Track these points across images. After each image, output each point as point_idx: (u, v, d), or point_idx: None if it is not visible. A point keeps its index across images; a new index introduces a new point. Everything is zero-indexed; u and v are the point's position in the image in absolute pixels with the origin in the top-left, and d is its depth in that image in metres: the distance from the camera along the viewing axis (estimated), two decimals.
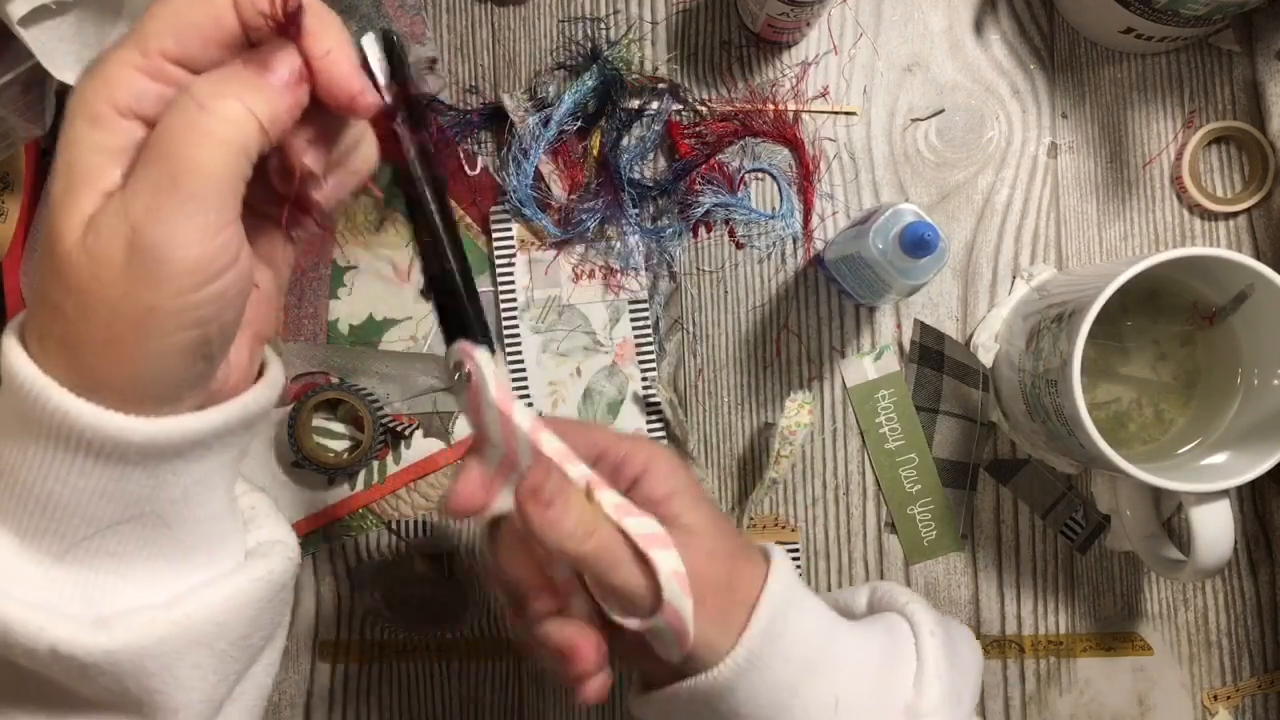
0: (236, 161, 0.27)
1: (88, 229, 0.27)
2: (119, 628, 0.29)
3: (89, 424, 0.28)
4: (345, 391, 0.55)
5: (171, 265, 0.27)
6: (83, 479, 0.29)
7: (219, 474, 0.32)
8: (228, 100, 0.27)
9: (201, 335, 0.28)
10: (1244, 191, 0.56)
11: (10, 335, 0.29)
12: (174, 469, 0.30)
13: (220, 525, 0.34)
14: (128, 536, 0.30)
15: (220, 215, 0.27)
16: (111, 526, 0.30)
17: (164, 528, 0.31)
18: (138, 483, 0.29)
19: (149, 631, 0.30)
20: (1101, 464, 0.46)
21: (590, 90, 0.56)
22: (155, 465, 0.29)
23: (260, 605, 0.34)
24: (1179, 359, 0.52)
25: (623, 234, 0.56)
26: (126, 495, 0.29)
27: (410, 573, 0.57)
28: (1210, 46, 0.57)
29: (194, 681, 0.31)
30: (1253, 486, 0.56)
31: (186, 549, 0.32)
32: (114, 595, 0.31)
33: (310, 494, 0.57)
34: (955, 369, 0.56)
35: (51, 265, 0.27)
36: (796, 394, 0.53)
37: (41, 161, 0.53)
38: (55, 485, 0.28)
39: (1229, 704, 0.56)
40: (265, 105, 0.27)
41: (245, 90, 0.27)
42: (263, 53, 0.28)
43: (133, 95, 0.27)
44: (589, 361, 0.56)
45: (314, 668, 0.57)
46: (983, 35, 0.57)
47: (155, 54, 0.27)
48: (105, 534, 0.30)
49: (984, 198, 0.57)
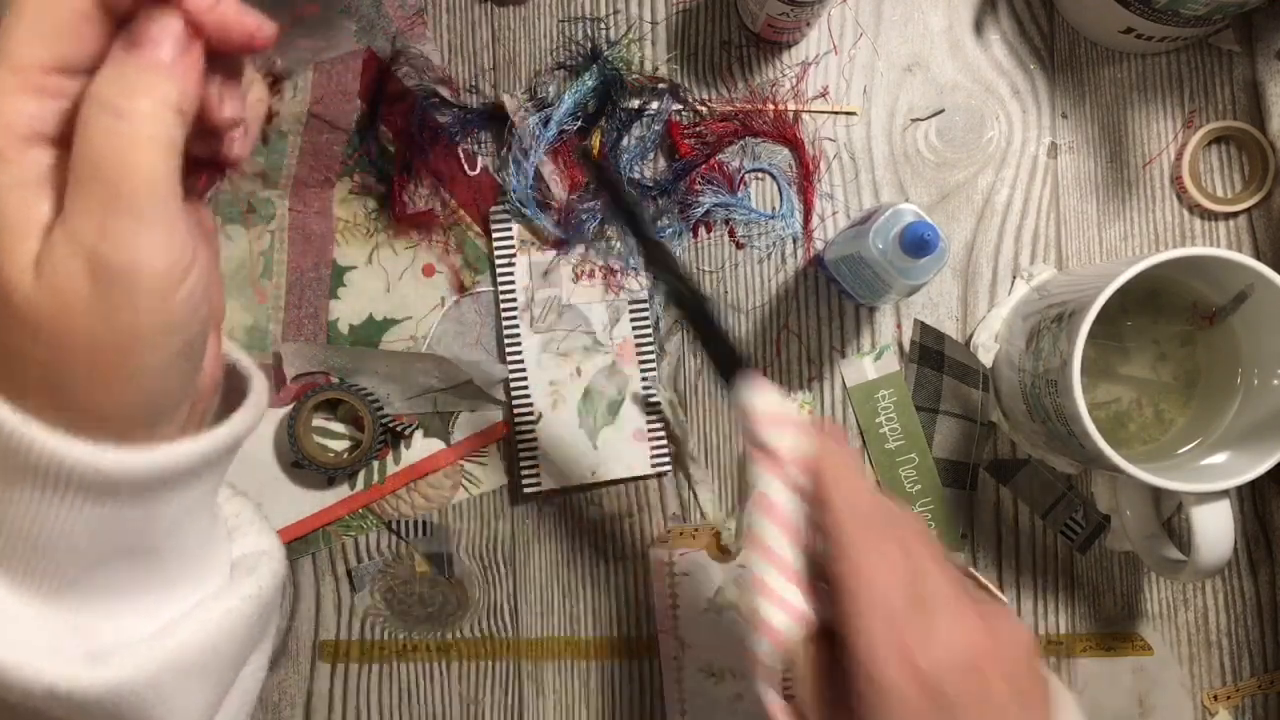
0: (169, 156, 0.26)
1: (39, 270, 0.25)
2: (115, 663, 0.29)
3: (81, 461, 0.27)
4: (345, 391, 0.55)
5: (142, 280, 0.25)
6: (74, 519, 0.28)
7: (207, 496, 0.32)
8: (138, 99, 0.25)
9: (185, 339, 0.28)
10: (1244, 191, 0.56)
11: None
12: (165, 499, 0.29)
13: (206, 544, 0.33)
14: (118, 569, 0.30)
15: (170, 214, 0.26)
16: (102, 562, 0.29)
17: (154, 557, 0.31)
18: (130, 517, 0.29)
19: (146, 664, 0.29)
20: (1101, 464, 0.46)
21: (590, 90, 0.56)
22: (148, 498, 0.29)
23: (251, 622, 0.33)
24: (1179, 359, 0.52)
25: (623, 234, 0.56)
26: (118, 530, 0.29)
27: (410, 573, 0.57)
28: (1210, 46, 0.57)
29: (189, 704, 0.31)
30: (1253, 486, 0.56)
31: (176, 574, 0.32)
32: (106, 628, 0.30)
33: (310, 494, 0.57)
34: (955, 369, 0.56)
35: (10, 315, 0.26)
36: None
37: None
38: (46, 527, 0.27)
39: (1229, 704, 0.56)
40: (174, 88, 0.26)
41: (149, 80, 0.25)
42: (141, 29, 0.25)
43: (26, 121, 0.25)
44: (589, 361, 0.56)
45: (314, 667, 0.57)
46: (983, 35, 0.57)
47: (32, 70, 0.25)
48: (96, 569, 0.29)
49: (984, 198, 0.57)
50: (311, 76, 0.53)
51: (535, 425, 0.56)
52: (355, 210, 0.57)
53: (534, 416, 0.56)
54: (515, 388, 0.56)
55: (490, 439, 0.57)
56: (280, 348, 0.56)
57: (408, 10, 0.57)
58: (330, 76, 0.53)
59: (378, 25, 0.56)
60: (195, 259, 0.27)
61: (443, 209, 0.57)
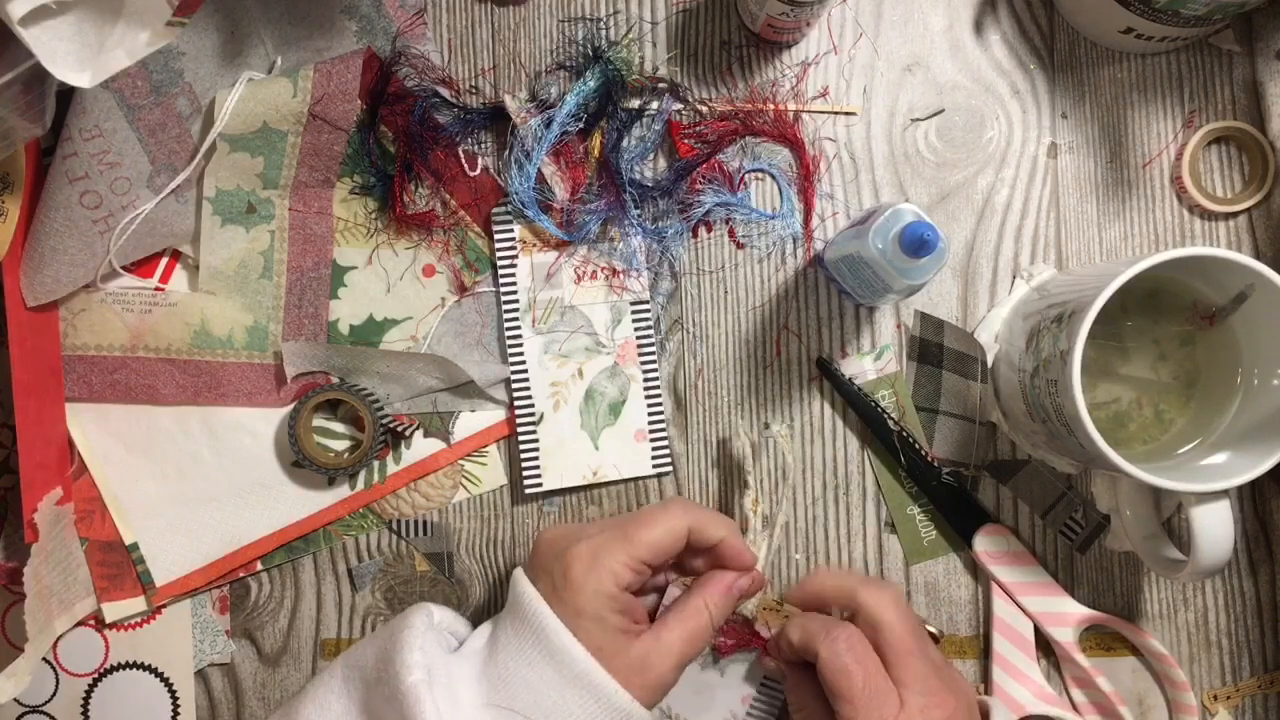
0: (717, 619, 0.48)
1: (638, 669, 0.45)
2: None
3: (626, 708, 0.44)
4: (345, 391, 0.55)
5: (656, 675, 0.46)
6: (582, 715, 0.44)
7: None
8: (716, 599, 0.48)
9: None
10: (1244, 191, 0.57)
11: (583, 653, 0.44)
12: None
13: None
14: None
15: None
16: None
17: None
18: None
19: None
20: (1101, 464, 0.46)
21: (592, 91, 0.56)
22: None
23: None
24: (1179, 359, 0.52)
25: (625, 235, 0.56)
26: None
27: (411, 572, 0.57)
28: (1210, 46, 0.57)
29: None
30: (1253, 486, 0.56)
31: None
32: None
33: (310, 494, 0.57)
34: (955, 361, 0.56)
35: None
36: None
37: (41, 161, 0.53)
38: (559, 711, 0.43)
39: (1229, 704, 0.56)
40: (729, 603, 0.49)
41: (719, 599, 0.48)
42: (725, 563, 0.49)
43: (625, 582, 0.45)
44: (591, 363, 0.56)
45: (315, 667, 0.57)
46: (983, 35, 0.57)
47: (636, 560, 0.45)
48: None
49: (984, 198, 0.57)
50: (312, 76, 0.53)
51: (536, 426, 0.56)
52: (355, 210, 0.57)
53: (535, 417, 0.56)
54: (517, 388, 0.56)
55: (490, 439, 0.57)
56: (280, 348, 0.56)
57: (408, 10, 0.57)
58: (330, 76, 0.53)
59: (378, 25, 0.56)
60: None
61: (443, 210, 0.57)
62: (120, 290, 0.56)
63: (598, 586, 0.44)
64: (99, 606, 0.56)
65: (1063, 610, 0.55)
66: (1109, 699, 0.54)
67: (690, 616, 0.47)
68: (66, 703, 0.57)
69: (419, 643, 0.45)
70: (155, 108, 0.51)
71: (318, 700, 0.46)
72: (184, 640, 0.57)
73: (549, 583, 0.45)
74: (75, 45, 0.43)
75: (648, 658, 0.45)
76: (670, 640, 0.46)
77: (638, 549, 0.45)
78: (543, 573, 0.46)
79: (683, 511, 0.47)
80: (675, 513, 0.47)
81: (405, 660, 0.44)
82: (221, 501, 0.56)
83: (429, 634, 0.46)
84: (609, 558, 0.45)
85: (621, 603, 0.45)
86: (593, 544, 0.45)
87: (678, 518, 0.47)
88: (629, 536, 0.45)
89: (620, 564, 0.45)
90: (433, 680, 0.43)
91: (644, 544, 0.45)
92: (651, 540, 0.46)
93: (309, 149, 0.55)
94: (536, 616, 0.44)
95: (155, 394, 0.56)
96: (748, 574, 0.49)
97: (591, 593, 0.44)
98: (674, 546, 0.47)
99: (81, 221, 0.52)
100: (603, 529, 0.47)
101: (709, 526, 0.48)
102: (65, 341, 0.56)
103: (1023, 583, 0.55)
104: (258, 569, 0.57)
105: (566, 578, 0.45)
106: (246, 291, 0.56)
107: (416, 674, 0.43)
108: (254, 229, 0.56)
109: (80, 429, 0.56)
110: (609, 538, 0.46)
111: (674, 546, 0.47)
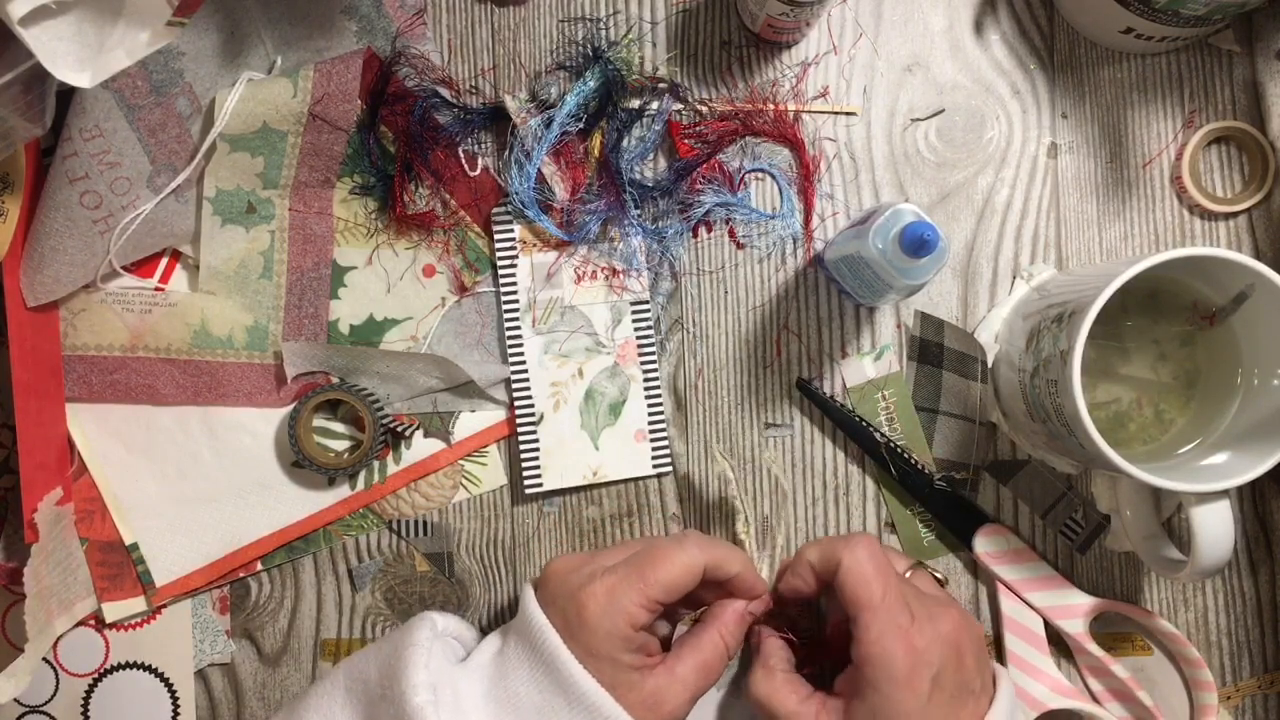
0: (730, 644, 0.49)
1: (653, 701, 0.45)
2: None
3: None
4: (345, 391, 0.55)
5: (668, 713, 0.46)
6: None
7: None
8: (731, 631, 0.49)
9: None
10: (1244, 191, 0.57)
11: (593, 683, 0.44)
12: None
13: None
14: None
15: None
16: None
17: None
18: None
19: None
20: (1101, 464, 0.46)
21: (592, 91, 0.56)
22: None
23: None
24: (1179, 359, 0.52)
25: (625, 235, 0.56)
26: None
27: (411, 572, 0.57)
28: (1210, 46, 0.57)
29: None
30: (1253, 486, 0.56)
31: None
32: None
33: (310, 494, 0.57)
34: (955, 361, 0.56)
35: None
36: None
37: (41, 161, 0.53)
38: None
39: (1229, 704, 0.56)
40: (740, 632, 0.49)
41: (729, 627, 0.49)
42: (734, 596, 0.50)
43: (639, 621, 0.45)
44: (591, 363, 0.56)
45: (315, 667, 0.57)
46: (983, 35, 0.57)
47: (652, 600, 0.45)
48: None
49: (984, 198, 0.57)
50: (312, 76, 0.53)
51: (536, 426, 0.56)
52: (355, 210, 0.57)
53: (535, 418, 0.56)
54: (517, 389, 0.56)
55: (490, 439, 0.57)
56: (281, 348, 0.56)
57: (408, 10, 0.57)
58: (330, 76, 0.53)
59: (378, 25, 0.56)
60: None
61: (443, 210, 0.57)
62: (120, 290, 0.56)
63: (611, 628, 0.44)
64: (99, 606, 0.56)
65: (1070, 602, 0.55)
66: (1126, 684, 0.54)
67: (703, 648, 0.47)
68: (67, 703, 0.57)
69: (424, 660, 0.44)
70: (155, 108, 0.51)
71: (321, 710, 0.46)
72: (184, 640, 0.57)
73: (561, 618, 0.45)
74: (75, 45, 0.43)
75: (660, 693, 0.45)
76: (683, 673, 0.46)
77: (653, 590, 0.45)
78: (555, 606, 0.46)
79: (698, 550, 0.46)
80: (691, 551, 0.46)
81: (411, 680, 0.43)
82: (221, 501, 0.56)
83: (434, 647, 0.46)
84: (624, 598, 0.44)
85: (636, 642, 0.45)
86: (607, 584, 0.45)
87: (694, 556, 0.46)
88: (644, 577, 0.45)
89: (635, 605, 0.44)
90: (439, 700, 0.43)
91: (660, 584, 0.45)
92: (668, 581, 0.45)
93: (309, 149, 0.55)
94: (549, 649, 0.44)
95: (155, 394, 0.56)
96: (759, 599, 0.49)
97: (605, 634, 0.44)
98: (690, 585, 0.46)
99: (81, 221, 0.52)
100: (615, 565, 0.46)
101: (725, 563, 0.47)
102: (65, 341, 0.56)
103: (1027, 579, 0.55)
104: (258, 569, 0.57)
105: (581, 618, 0.44)
106: (246, 291, 0.56)
107: (422, 694, 0.43)
108: (254, 229, 0.56)
109: (80, 429, 0.56)
110: (623, 577, 0.45)
111: (690, 585, 0.46)
